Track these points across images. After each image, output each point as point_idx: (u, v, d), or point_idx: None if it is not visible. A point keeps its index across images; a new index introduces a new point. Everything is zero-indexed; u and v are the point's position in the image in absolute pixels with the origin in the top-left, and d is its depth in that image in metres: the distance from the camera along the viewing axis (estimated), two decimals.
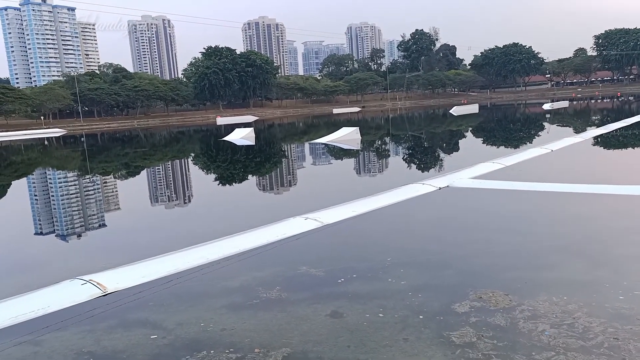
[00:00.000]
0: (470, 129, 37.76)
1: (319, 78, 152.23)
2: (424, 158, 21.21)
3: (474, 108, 62.45)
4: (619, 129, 25.87)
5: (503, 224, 8.94)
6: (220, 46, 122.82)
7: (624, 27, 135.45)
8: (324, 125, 53.71)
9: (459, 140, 29.13)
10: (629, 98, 74.91)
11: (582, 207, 9.85)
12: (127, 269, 6.84)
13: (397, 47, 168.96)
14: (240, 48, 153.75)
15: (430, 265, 6.69)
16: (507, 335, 4.49)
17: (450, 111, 58.34)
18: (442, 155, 21.86)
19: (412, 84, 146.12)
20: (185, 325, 5.20)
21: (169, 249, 7.57)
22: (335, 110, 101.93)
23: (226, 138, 36.04)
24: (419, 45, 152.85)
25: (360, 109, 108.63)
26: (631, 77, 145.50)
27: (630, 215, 8.92)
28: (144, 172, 22.99)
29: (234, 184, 17.36)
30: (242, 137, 35.67)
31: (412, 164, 19.22)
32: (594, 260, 6.49)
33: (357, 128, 30.20)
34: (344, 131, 29.98)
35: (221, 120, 77.22)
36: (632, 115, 35.07)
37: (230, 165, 22.73)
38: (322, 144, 28.11)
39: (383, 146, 27.94)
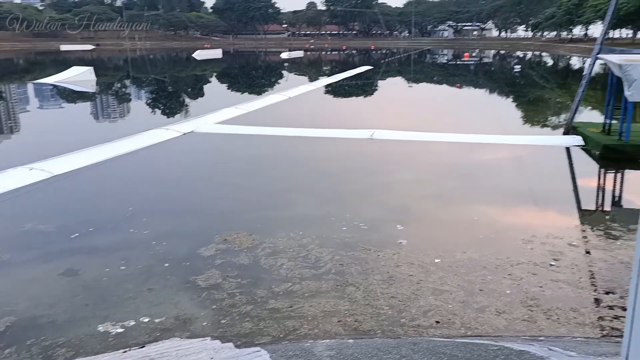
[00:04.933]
0: (215, 74, 37.85)
1: (40, 8, 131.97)
2: (168, 103, 20.52)
3: (217, 53, 62.59)
4: (345, 78, 29.06)
5: (245, 167, 9.28)
6: None
7: None
8: (51, 63, 47.43)
9: (204, 85, 28.97)
10: (353, 51, 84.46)
11: (314, 149, 10.84)
12: None
13: None
14: None
15: (176, 212, 6.59)
16: (250, 273, 4.73)
17: (194, 55, 57.45)
18: (187, 100, 21.47)
19: (153, 24, 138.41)
20: None
21: None
22: (64, 47, 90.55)
23: None
24: None
25: (94, 47, 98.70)
26: (354, 32, 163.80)
27: (352, 155, 10.19)
28: None
29: None
30: None
31: (156, 109, 18.42)
32: (324, 197, 7.25)
33: (91, 68, 27.46)
34: (76, 71, 26.98)
35: None
36: (355, 67, 39.68)
37: None
38: (50, 84, 24.83)
39: (123, 89, 26.06)
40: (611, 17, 11.41)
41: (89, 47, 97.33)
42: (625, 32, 71.95)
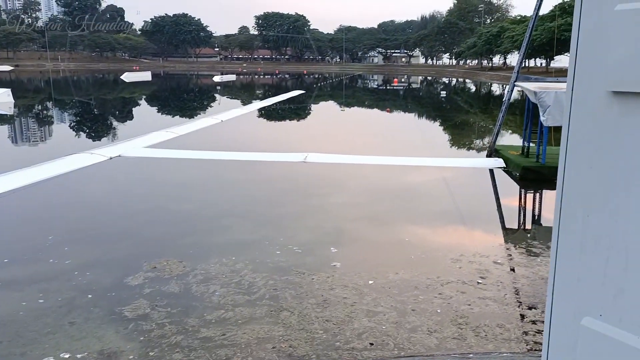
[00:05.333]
0: (144, 97, 36.94)
1: None
2: (94, 126, 19.75)
3: (146, 75, 61.20)
4: (278, 102, 29.19)
5: (176, 191, 9.04)
6: None
7: (279, 11, 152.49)
8: None
9: (133, 108, 28.17)
10: (286, 76, 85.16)
11: (247, 172, 10.74)
12: None
13: (56, 0, 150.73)
14: None
15: (101, 240, 6.29)
16: (181, 301, 4.57)
17: (122, 77, 55.87)
18: (114, 123, 20.76)
19: (77, 45, 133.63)
20: None
21: None
22: None
23: None
24: (83, 2, 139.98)
25: (12, 68, 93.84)
26: (286, 57, 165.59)
27: (286, 179, 10.18)
28: None
29: None
30: None
31: (80, 132, 17.70)
32: (257, 221, 7.17)
33: (9, 90, 26.04)
34: None
35: None
36: (288, 91, 40.01)
37: None
38: None
39: (44, 112, 24.87)
40: (526, 48, 12.18)
41: (7, 68, 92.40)
42: (539, 62, 77.13)
